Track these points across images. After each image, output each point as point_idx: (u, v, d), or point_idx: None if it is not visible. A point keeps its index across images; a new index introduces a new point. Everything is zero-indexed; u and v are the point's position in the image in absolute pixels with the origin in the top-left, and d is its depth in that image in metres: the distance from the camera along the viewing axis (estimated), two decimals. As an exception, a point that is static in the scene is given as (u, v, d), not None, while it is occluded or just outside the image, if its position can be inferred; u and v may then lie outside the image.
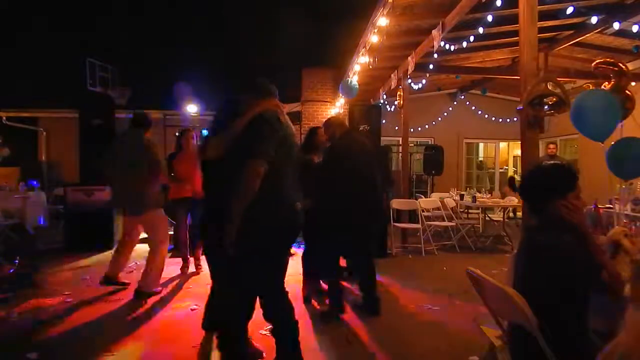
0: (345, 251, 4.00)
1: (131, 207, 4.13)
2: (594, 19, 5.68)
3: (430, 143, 11.04)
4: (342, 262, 4.44)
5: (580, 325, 1.73)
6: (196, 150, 4.99)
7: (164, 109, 10.04)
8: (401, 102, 7.38)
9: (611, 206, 4.86)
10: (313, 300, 4.10)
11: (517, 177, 9.99)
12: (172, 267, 5.22)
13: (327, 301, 3.89)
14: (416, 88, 8.79)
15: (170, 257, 5.55)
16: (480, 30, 5.48)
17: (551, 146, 7.95)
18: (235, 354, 2.58)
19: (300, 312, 3.84)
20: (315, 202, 3.72)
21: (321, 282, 4.38)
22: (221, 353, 2.62)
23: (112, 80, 9.27)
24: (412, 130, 8.51)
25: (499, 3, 4.62)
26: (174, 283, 4.69)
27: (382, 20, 4.88)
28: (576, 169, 1.89)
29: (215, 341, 2.79)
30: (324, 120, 4.33)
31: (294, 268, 4.45)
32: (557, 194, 1.80)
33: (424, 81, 8.77)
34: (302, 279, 4.25)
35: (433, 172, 9.55)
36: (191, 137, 5.16)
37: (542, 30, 5.27)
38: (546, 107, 3.18)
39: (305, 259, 4.25)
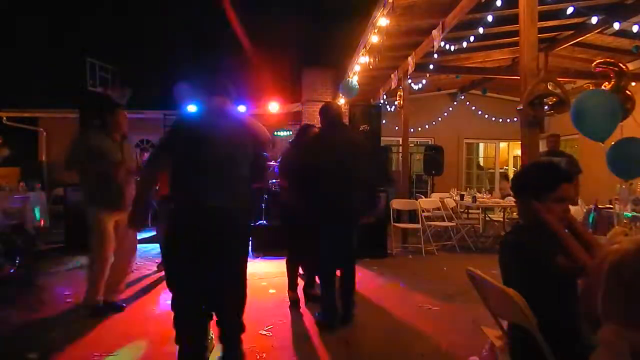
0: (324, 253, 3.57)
1: None
2: (594, 19, 5.66)
3: (430, 143, 11.04)
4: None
5: (575, 326, 1.72)
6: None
7: (164, 109, 10.03)
8: (401, 102, 7.37)
9: (611, 206, 4.86)
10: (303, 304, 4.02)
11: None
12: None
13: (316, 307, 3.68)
14: (416, 88, 8.78)
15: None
16: (480, 30, 5.47)
17: (550, 139, 7.80)
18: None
19: (295, 314, 3.83)
20: (295, 202, 3.66)
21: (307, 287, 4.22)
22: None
23: (112, 80, 9.26)
24: (412, 130, 8.50)
25: (499, 3, 4.62)
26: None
27: (382, 20, 4.88)
28: (568, 169, 1.87)
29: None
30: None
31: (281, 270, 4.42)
32: (533, 193, 1.79)
33: (424, 81, 8.76)
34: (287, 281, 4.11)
35: (433, 172, 9.54)
36: None
37: (542, 30, 5.27)
38: (546, 107, 3.18)
39: (288, 261, 4.13)
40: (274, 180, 6.35)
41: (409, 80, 7.53)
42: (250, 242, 2.70)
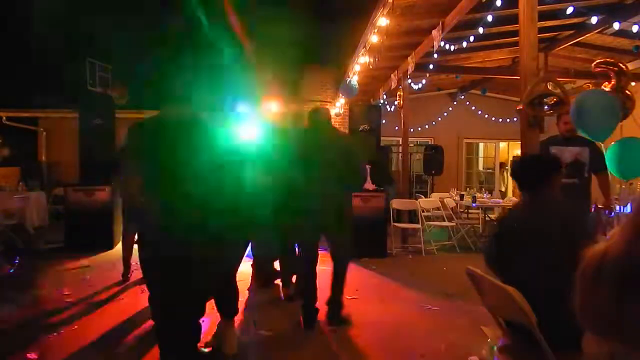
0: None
1: None
2: (594, 19, 5.67)
3: (430, 143, 11.04)
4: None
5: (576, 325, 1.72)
6: None
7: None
8: (401, 102, 7.38)
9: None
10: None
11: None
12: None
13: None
14: (416, 88, 8.79)
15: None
16: (480, 30, 5.48)
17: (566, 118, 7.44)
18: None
19: (290, 310, 3.78)
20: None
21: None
22: None
23: (112, 80, 9.27)
24: (412, 130, 8.51)
25: (499, 3, 4.62)
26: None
27: (382, 20, 4.88)
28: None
29: None
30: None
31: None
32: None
33: (424, 81, 8.77)
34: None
35: (433, 172, 9.55)
36: None
37: (542, 30, 5.27)
38: (546, 107, 3.18)
39: (281, 258, 4.22)
40: None
41: (409, 80, 7.53)
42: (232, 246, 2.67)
